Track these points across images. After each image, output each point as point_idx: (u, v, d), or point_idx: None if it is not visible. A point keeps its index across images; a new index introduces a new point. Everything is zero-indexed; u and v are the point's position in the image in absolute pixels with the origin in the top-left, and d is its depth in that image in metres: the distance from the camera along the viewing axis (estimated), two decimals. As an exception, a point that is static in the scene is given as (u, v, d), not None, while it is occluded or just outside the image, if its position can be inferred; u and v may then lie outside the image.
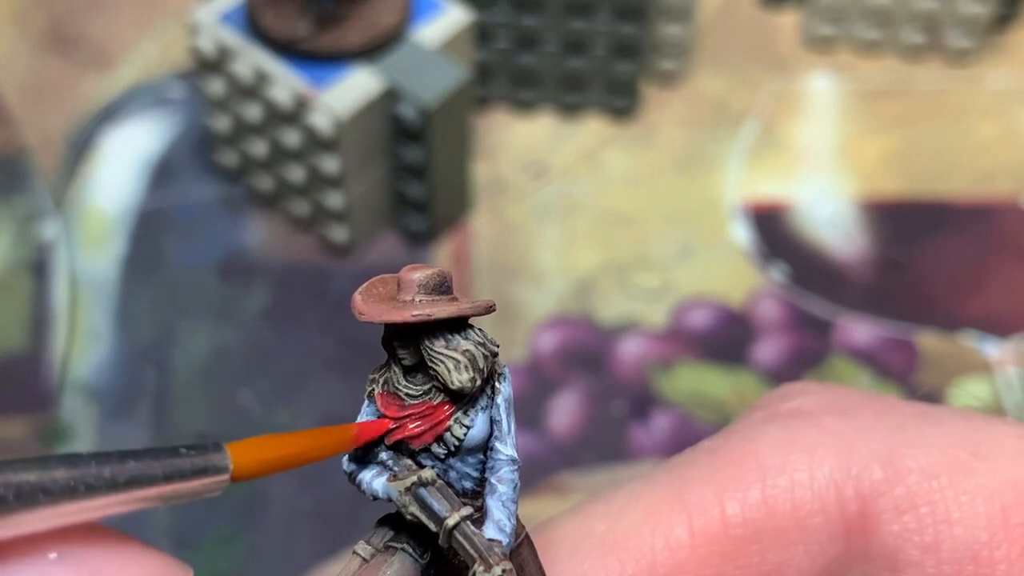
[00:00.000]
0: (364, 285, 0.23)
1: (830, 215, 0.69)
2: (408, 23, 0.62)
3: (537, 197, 0.70)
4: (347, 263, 0.67)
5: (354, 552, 0.23)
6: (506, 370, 0.23)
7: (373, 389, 0.23)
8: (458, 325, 0.22)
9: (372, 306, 0.22)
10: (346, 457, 0.24)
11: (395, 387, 0.23)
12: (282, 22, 0.62)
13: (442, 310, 0.22)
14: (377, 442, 0.23)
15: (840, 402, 0.27)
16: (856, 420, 0.26)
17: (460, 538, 0.22)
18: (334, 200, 0.64)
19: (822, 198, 0.70)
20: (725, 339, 0.64)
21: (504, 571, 0.21)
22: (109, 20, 0.78)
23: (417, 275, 0.22)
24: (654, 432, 0.61)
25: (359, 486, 0.23)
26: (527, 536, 0.24)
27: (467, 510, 0.22)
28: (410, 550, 0.23)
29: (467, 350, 0.22)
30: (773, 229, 0.68)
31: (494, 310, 0.23)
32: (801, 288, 0.66)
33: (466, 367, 0.22)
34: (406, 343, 0.22)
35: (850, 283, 0.66)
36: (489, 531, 0.22)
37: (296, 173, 0.65)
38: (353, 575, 0.23)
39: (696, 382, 0.63)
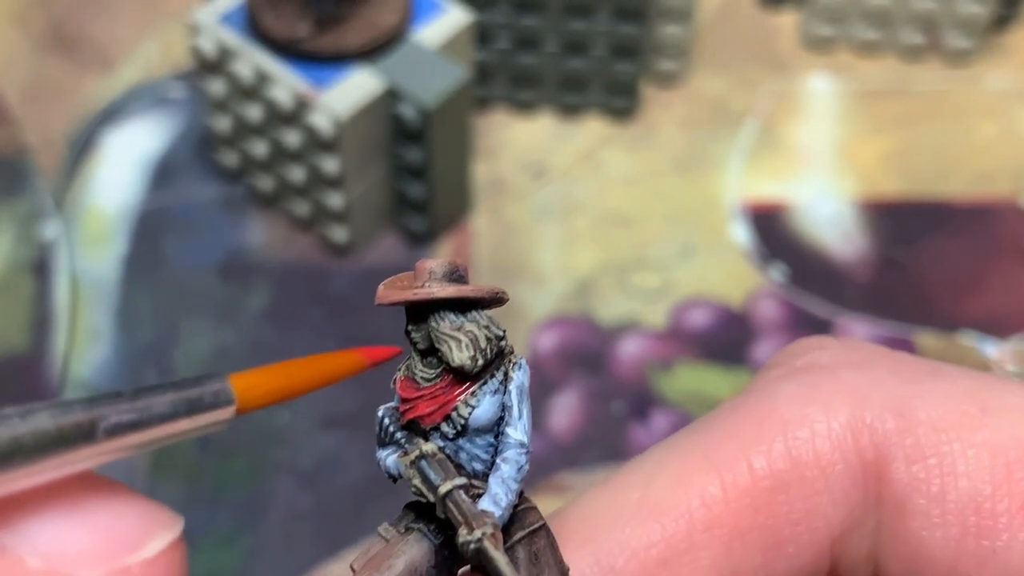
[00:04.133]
0: (389, 279, 0.24)
1: (829, 215, 0.69)
2: (408, 23, 0.63)
3: (537, 197, 0.70)
4: (347, 263, 0.67)
5: (378, 533, 0.24)
6: (522, 361, 0.24)
7: (397, 378, 0.25)
8: (464, 309, 0.24)
9: (387, 291, 0.24)
10: (377, 445, 0.25)
11: (412, 371, 0.24)
12: (282, 23, 0.62)
13: (443, 290, 0.23)
14: (395, 423, 0.25)
15: (854, 356, 0.28)
16: (870, 373, 0.27)
17: (451, 505, 0.23)
18: (334, 200, 0.64)
19: (821, 198, 0.70)
20: (725, 339, 0.64)
21: (485, 535, 0.22)
22: (110, 20, 0.78)
23: (430, 263, 0.24)
24: (654, 432, 0.61)
25: (379, 465, 0.25)
26: (546, 528, 0.24)
27: (461, 480, 0.23)
28: (426, 531, 0.24)
29: (470, 331, 0.23)
30: (772, 229, 0.69)
31: (504, 298, 0.24)
32: (800, 288, 0.66)
33: (467, 346, 0.23)
34: (418, 326, 0.24)
35: (849, 283, 0.66)
36: (484, 503, 0.23)
37: (296, 173, 0.65)
38: (374, 554, 0.24)
39: (696, 382, 0.63)
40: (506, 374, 0.24)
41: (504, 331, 0.24)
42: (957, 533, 0.25)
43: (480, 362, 0.23)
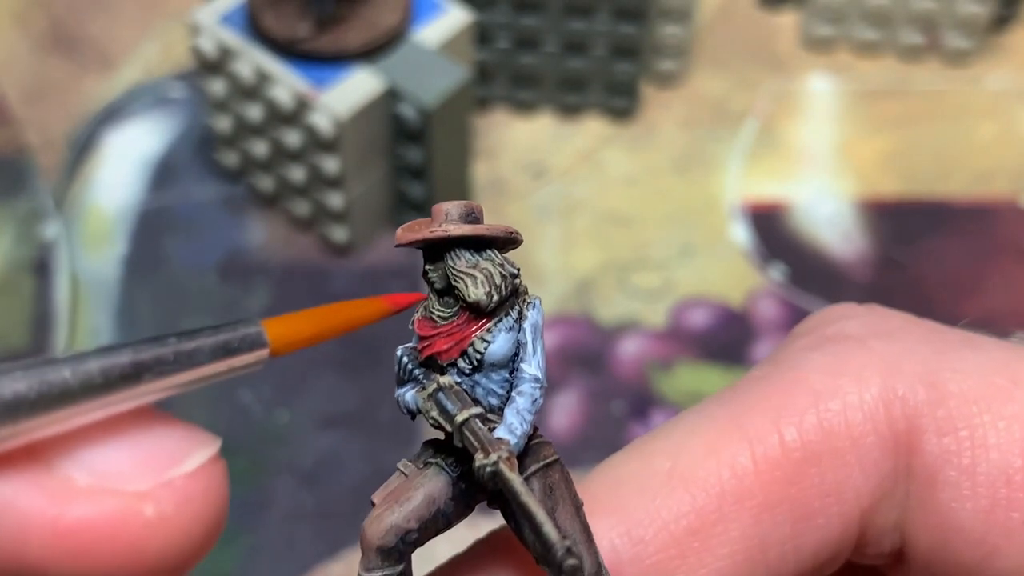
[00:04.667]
0: (407, 223, 0.25)
1: (829, 215, 0.69)
2: (408, 23, 0.63)
3: (537, 197, 0.70)
4: (347, 263, 0.67)
5: (397, 468, 0.25)
6: (537, 301, 0.25)
7: (415, 319, 0.25)
8: (480, 248, 0.24)
9: (405, 233, 0.24)
10: (395, 384, 0.26)
11: (430, 311, 0.25)
12: (283, 23, 0.62)
13: (458, 229, 0.24)
14: (413, 362, 0.25)
15: (884, 325, 0.28)
16: (901, 343, 0.27)
17: (467, 433, 0.23)
18: (334, 200, 0.64)
19: (821, 198, 0.70)
20: (724, 339, 0.64)
21: (501, 458, 0.23)
22: (110, 20, 0.78)
23: (446, 206, 0.25)
24: (654, 432, 0.61)
25: (399, 403, 0.25)
26: (560, 464, 0.25)
27: (477, 409, 0.24)
28: (444, 465, 0.24)
29: (485, 268, 0.24)
30: (772, 229, 0.69)
31: (519, 239, 0.25)
32: (800, 288, 0.66)
33: (483, 282, 0.24)
34: (435, 266, 0.24)
35: (849, 283, 0.66)
36: (499, 432, 0.24)
37: (296, 173, 0.65)
38: (393, 488, 0.25)
39: (695, 382, 0.63)
40: (520, 312, 0.25)
41: (518, 269, 0.25)
42: (987, 505, 0.25)
43: (495, 298, 0.24)
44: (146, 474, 0.20)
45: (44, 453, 0.20)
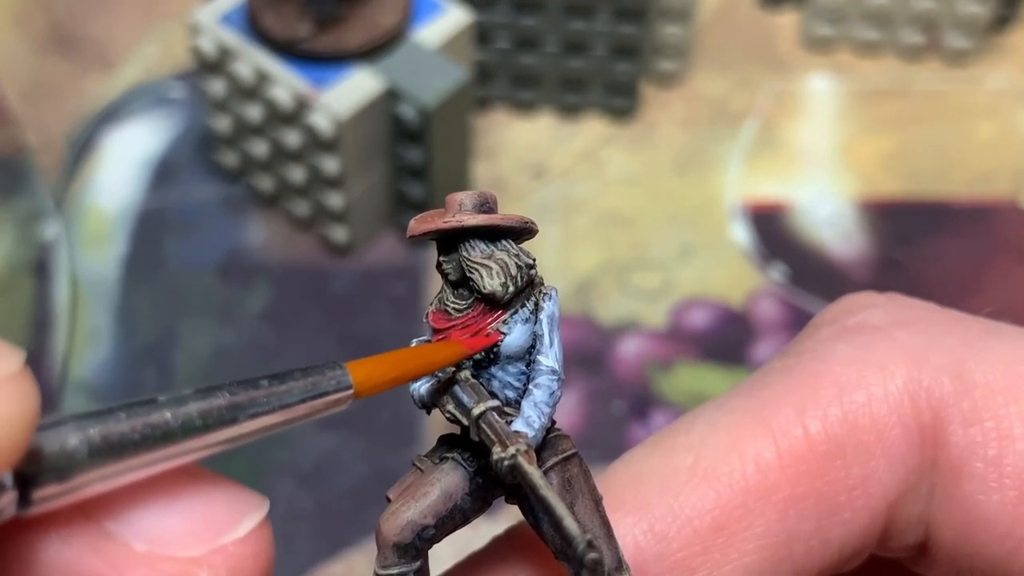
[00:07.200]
0: (421, 214, 0.25)
1: (829, 215, 0.69)
2: (408, 23, 0.63)
3: (537, 197, 0.70)
4: (347, 263, 0.67)
5: (413, 464, 0.25)
6: (553, 292, 0.25)
7: (428, 312, 0.25)
8: (494, 238, 0.24)
9: (418, 224, 0.24)
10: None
11: (444, 304, 0.24)
12: (282, 23, 0.62)
13: (472, 218, 0.24)
14: None
15: (907, 314, 0.27)
16: (924, 333, 0.27)
17: (484, 426, 0.23)
18: (334, 200, 0.64)
19: (821, 198, 0.70)
20: (724, 339, 0.64)
21: (519, 451, 0.22)
22: (110, 20, 0.78)
23: (460, 196, 0.24)
24: (654, 432, 0.61)
25: (413, 397, 0.25)
26: (579, 457, 0.25)
27: (494, 402, 0.23)
28: (460, 460, 0.24)
29: (500, 258, 0.24)
30: (772, 229, 0.69)
31: (534, 229, 0.24)
32: (800, 288, 0.66)
33: (498, 273, 0.24)
34: (449, 257, 0.24)
35: (849, 283, 0.66)
36: (517, 425, 0.24)
37: (296, 173, 0.65)
38: (409, 484, 0.24)
39: (696, 382, 0.63)
40: (536, 304, 0.24)
41: (534, 259, 0.24)
42: (1014, 497, 0.25)
43: (511, 289, 0.24)
44: (199, 539, 0.21)
45: (100, 516, 0.20)
